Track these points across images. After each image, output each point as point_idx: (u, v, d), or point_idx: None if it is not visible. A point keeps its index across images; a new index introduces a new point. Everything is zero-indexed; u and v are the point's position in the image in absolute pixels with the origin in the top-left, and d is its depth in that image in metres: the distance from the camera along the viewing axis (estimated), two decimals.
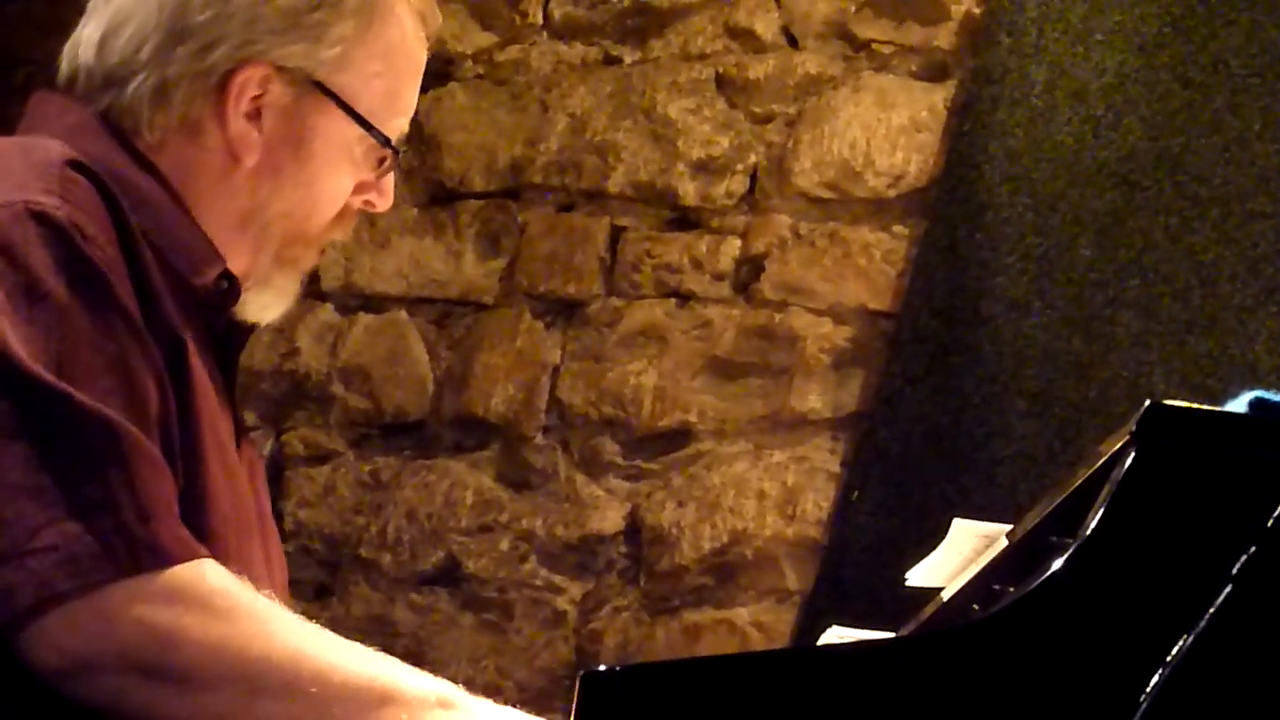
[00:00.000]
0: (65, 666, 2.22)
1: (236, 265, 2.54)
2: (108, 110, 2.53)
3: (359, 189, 2.62)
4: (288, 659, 2.33)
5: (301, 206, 2.57)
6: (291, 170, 2.55)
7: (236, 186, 2.54)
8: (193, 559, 2.26)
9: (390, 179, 2.66)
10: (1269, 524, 1.98)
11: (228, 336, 2.59)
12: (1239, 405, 2.07)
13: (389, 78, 2.61)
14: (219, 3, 2.54)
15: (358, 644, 2.46)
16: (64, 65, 2.57)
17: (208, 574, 2.28)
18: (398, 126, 2.63)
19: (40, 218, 2.29)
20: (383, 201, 2.65)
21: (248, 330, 2.64)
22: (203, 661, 2.28)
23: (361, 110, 2.57)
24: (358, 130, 2.57)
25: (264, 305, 2.60)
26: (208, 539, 2.35)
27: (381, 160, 2.62)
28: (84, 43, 2.56)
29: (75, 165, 2.35)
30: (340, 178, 2.59)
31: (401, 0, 2.62)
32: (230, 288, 2.53)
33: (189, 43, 2.53)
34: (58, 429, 2.24)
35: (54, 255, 2.29)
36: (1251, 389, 2.08)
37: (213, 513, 2.41)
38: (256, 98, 2.53)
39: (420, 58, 2.67)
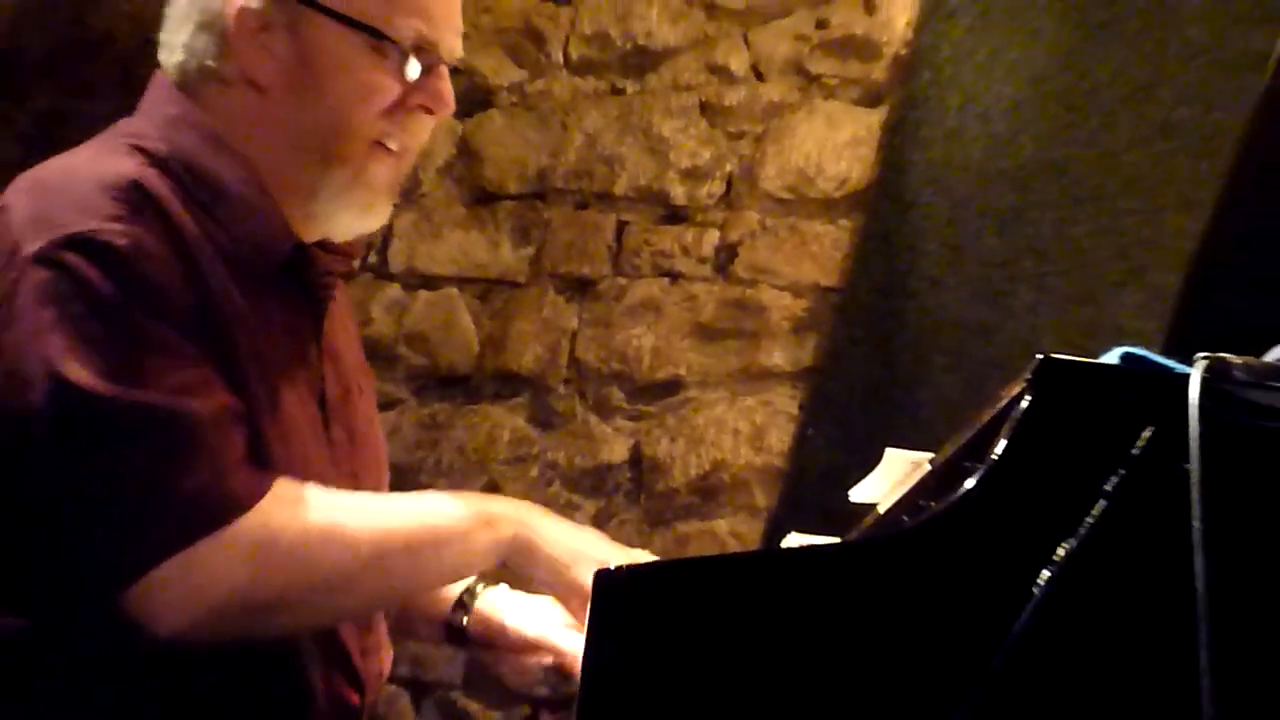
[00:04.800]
0: (184, 618, 2.16)
1: (305, 191, 2.41)
2: (183, 83, 2.42)
3: (411, 94, 2.43)
4: (355, 542, 2.28)
5: (331, 115, 2.40)
6: (310, 84, 2.40)
7: (274, 115, 2.40)
8: (263, 495, 2.20)
9: (439, 81, 2.45)
10: (1134, 452, 1.98)
11: (318, 285, 2.48)
12: (1111, 358, 2.06)
13: None
14: None
15: (409, 498, 2.45)
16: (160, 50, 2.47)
17: (281, 503, 2.23)
18: (409, 26, 2.41)
19: (106, 249, 2.19)
20: (437, 105, 2.46)
21: (335, 280, 2.52)
22: (291, 580, 2.24)
23: (353, 14, 2.38)
24: (361, 35, 2.39)
25: (348, 223, 2.49)
26: (273, 460, 2.27)
27: (409, 61, 2.40)
28: (163, 33, 2.47)
29: (135, 189, 2.24)
30: (362, 81, 2.41)
31: None
32: (302, 252, 2.42)
33: (199, 4, 2.42)
34: (121, 428, 2.16)
35: (114, 277, 2.18)
36: (1121, 346, 2.07)
37: (284, 460, 2.30)
38: (258, 30, 2.38)
39: None
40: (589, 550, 2.37)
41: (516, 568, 2.38)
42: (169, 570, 2.13)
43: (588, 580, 2.02)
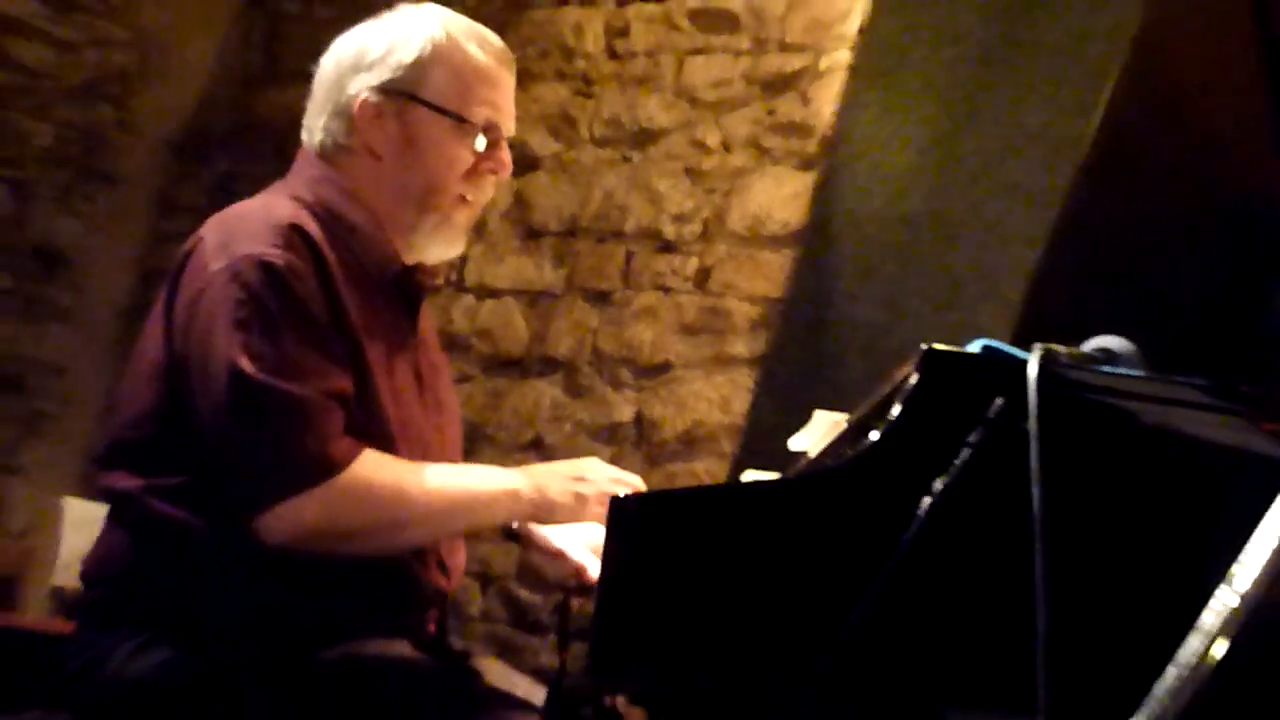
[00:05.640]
0: (286, 538, 2.18)
1: (409, 229, 2.44)
2: (321, 153, 2.44)
3: (482, 162, 2.45)
4: (411, 501, 2.28)
5: (427, 177, 2.42)
6: (413, 155, 2.41)
7: (387, 176, 2.41)
8: (354, 461, 2.21)
9: (501, 152, 2.47)
10: (989, 415, 1.97)
11: (416, 295, 2.48)
12: (974, 348, 2.05)
13: (458, 82, 2.42)
14: (338, 68, 2.45)
15: (458, 469, 2.44)
16: (304, 131, 2.49)
17: (365, 467, 2.22)
18: (481, 114, 2.43)
19: (268, 266, 2.22)
20: (500, 169, 2.47)
21: (430, 290, 2.53)
22: (361, 522, 2.24)
23: (442, 105, 2.41)
24: (447, 120, 2.41)
25: (437, 251, 2.50)
26: (389, 438, 2.30)
27: (479, 138, 2.43)
28: (306, 119, 2.48)
29: (293, 230, 2.26)
30: (449, 153, 2.42)
31: (457, 32, 2.45)
32: (406, 272, 2.44)
33: (333, 98, 2.44)
34: (265, 403, 2.18)
35: (275, 290, 2.21)
36: (981, 340, 2.07)
37: (395, 422, 2.33)
38: (375, 116, 2.41)
39: (483, 65, 2.45)
40: (581, 471, 2.40)
41: (539, 522, 2.43)
42: (287, 507, 2.16)
43: (589, 497, 2.25)
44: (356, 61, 2.43)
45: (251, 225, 2.28)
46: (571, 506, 2.33)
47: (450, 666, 2.39)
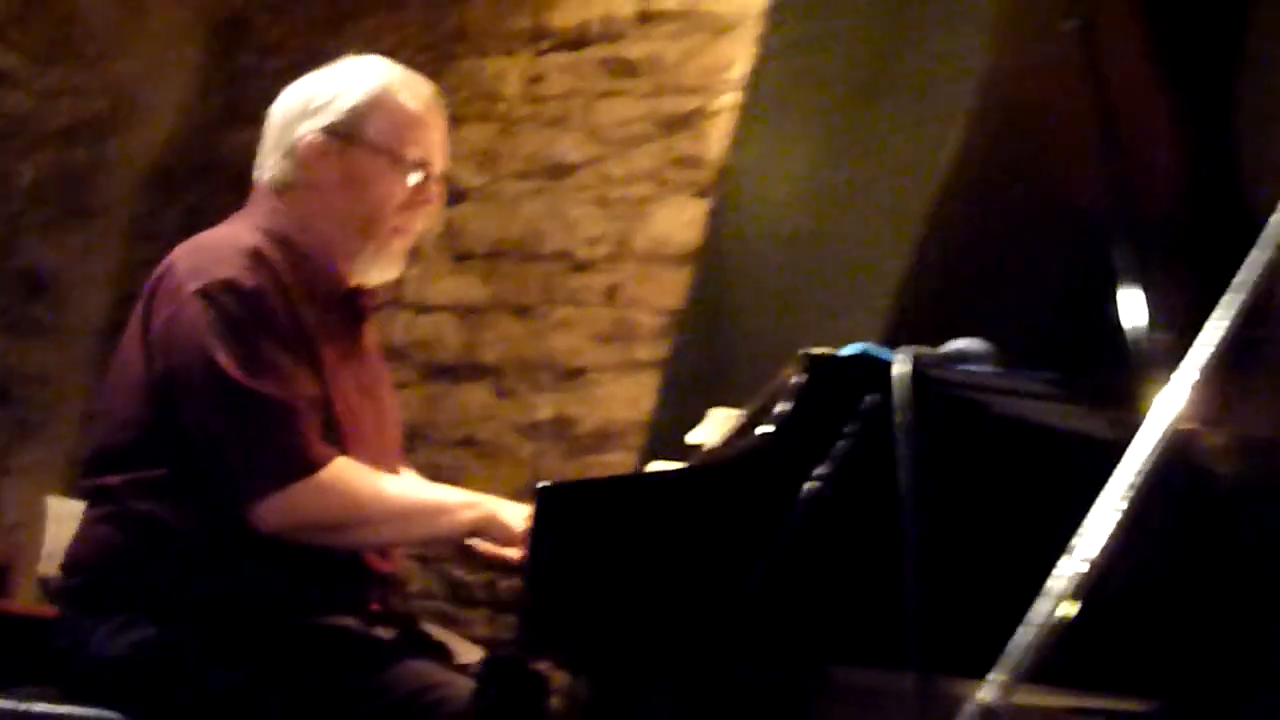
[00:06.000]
0: (278, 527, 2.20)
1: (352, 254, 2.43)
2: (274, 189, 2.43)
3: (415, 195, 2.44)
4: (386, 502, 2.30)
5: (367, 209, 2.41)
6: (354, 190, 2.41)
7: (332, 208, 2.41)
8: (329, 463, 2.22)
9: (433, 186, 2.46)
10: (863, 408, 1.98)
11: (360, 312, 2.48)
12: (851, 350, 2.06)
13: (394, 125, 2.42)
14: (287, 113, 2.45)
15: (423, 482, 2.52)
16: (256, 169, 2.48)
17: (343, 468, 2.24)
18: (415, 153, 2.42)
19: (239, 287, 2.24)
20: (433, 202, 2.47)
21: (372, 308, 2.52)
22: (344, 516, 2.26)
23: (379, 145, 2.41)
24: (385, 158, 2.40)
25: (377, 274, 2.49)
26: (340, 437, 2.30)
27: (412, 174, 2.43)
28: (259, 157, 2.48)
29: (256, 253, 2.28)
30: (386, 188, 2.41)
31: (393, 81, 2.44)
32: (352, 292, 2.45)
33: (282, 140, 2.44)
34: (251, 406, 2.19)
35: (247, 308, 2.22)
36: (856, 343, 2.08)
37: (344, 423, 2.33)
38: (320, 155, 2.41)
39: (416, 110, 2.45)
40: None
41: (489, 538, 2.37)
42: (272, 501, 2.17)
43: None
44: (304, 107, 2.43)
45: (220, 252, 2.29)
46: (517, 525, 2.32)
47: (396, 636, 2.39)
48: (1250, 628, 2.05)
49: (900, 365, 1.98)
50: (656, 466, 2.50)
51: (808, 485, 1.97)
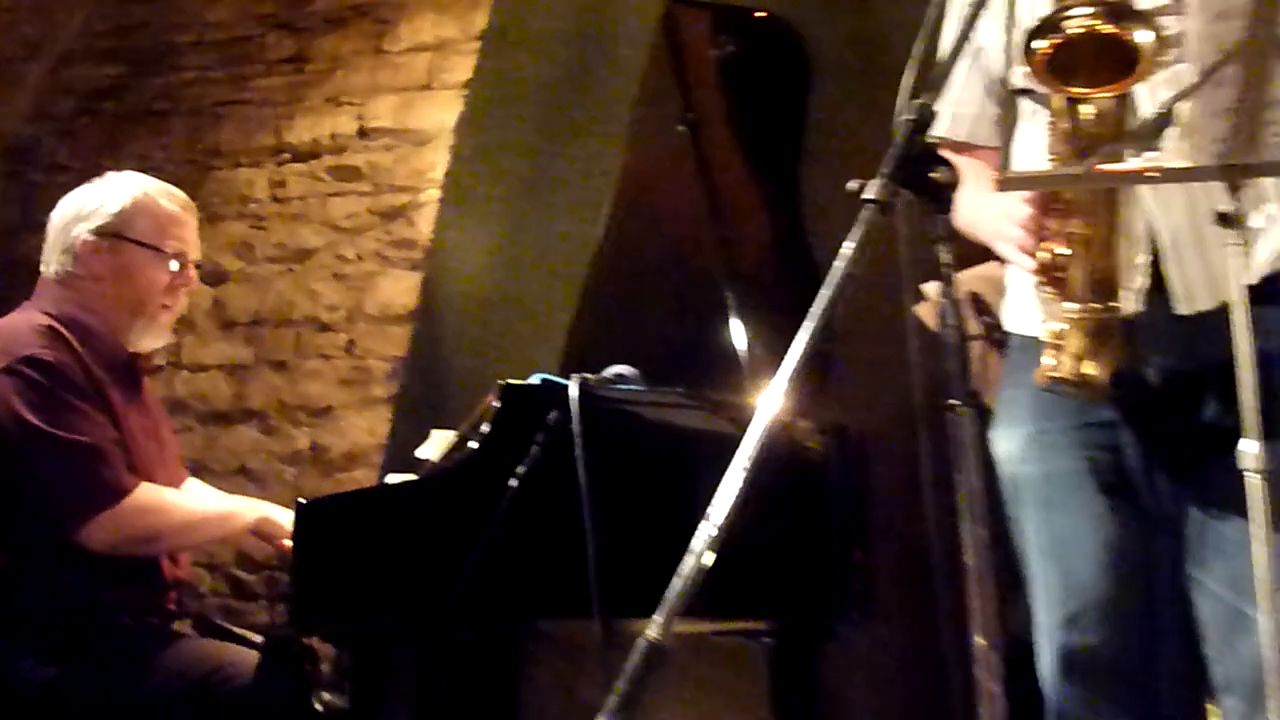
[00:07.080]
0: (105, 544, 2.17)
1: (127, 329, 2.37)
2: (58, 280, 2.37)
3: (175, 280, 2.40)
4: (187, 514, 2.29)
5: (136, 293, 2.37)
6: (124, 278, 2.37)
7: (107, 294, 2.36)
8: (136, 488, 2.20)
9: (189, 271, 2.42)
10: (548, 422, 2.01)
11: (138, 372, 2.42)
12: (535, 380, 2.09)
13: (155, 224, 2.38)
14: (64, 219, 2.39)
15: (210, 491, 2.48)
16: (43, 264, 2.40)
17: (143, 492, 2.21)
18: (174, 245, 2.38)
19: (41, 360, 2.20)
20: (190, 284, 2.42)
21: (149, 369, 2.50)
22: (157, 528, 2.23)
23: (143, 240, 2.37)
24: (149, 251, 2.37)
25: (150, 342, 2.44)
26: (137, 469, 2.26)
27: (172, 262, 2.39)
28: (44, 255, 2.41)
29: (51, 329, 2.24)
30: (150, 275, 2.37)
31: (152, 188, 2.40)
32: (131, 357, 2.39)
33: (62, 240, 2.38)
34: (67, 451, 2.16)
35: (50, 376, 2.18)
36: (539, 374, 2.11)
37: (137, 457, 2.29)
38: (94, 252, 2.36)
39: (172, 211, 2.40)
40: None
41: (265, 533, 2.38)
42: (97, 523, 2.15)
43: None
44: (77, 213, 2.41)
45: (19, 334, 2.25)
46: (286, 522, 2.30)
47: (190, 628, 2.37)
48: (837, 561, 2.15)
49: (574, 388, 2.02)
50: (393, 479, 2.47)
51: (510, 483, 1.99)
